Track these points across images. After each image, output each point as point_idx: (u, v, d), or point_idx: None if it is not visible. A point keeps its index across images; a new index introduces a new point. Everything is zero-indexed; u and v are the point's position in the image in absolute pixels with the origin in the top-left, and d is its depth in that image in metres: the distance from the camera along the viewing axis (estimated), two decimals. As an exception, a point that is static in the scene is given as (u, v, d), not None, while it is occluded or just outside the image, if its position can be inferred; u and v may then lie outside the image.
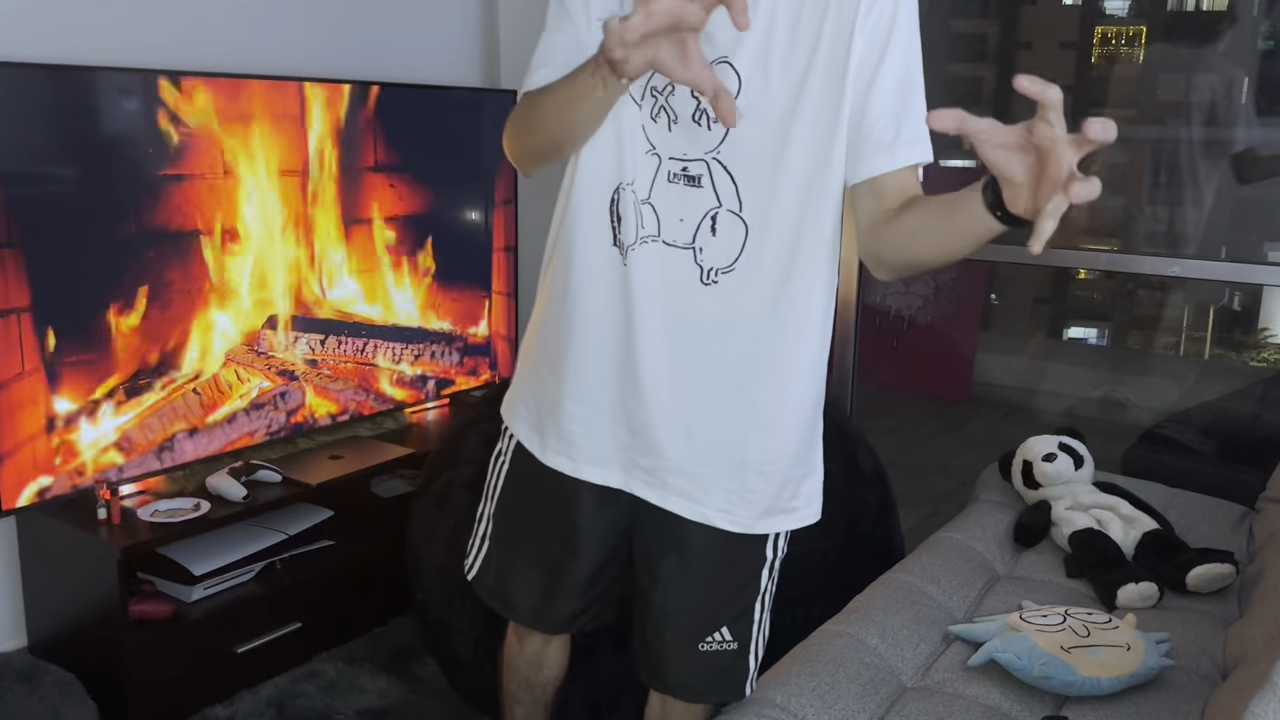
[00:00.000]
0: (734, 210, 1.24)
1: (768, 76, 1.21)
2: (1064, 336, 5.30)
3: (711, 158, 1.23)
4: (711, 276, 1.26)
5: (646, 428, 1.32)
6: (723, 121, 1.03)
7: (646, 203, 1.26)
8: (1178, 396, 4.29)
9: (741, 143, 1.22)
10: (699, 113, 1.22)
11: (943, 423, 4.48)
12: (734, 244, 1.25)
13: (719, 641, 1.42)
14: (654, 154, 1.25)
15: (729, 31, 1.17)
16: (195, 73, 2.28)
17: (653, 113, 1.23)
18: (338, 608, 2.47)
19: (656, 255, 1.26)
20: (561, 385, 1.35)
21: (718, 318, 1.28)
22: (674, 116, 1.23)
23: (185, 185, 2.29)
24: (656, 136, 1.24)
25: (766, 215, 1.25)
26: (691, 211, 1.25)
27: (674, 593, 1.40)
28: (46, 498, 2.14)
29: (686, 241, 1.25)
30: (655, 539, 1.40)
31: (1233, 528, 2.23)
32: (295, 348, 2.58)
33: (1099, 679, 1.59)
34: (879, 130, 1.22)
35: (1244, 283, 3.97)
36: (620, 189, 1.27)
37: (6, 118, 2.00)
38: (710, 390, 1.30)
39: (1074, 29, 5.26)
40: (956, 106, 1.00)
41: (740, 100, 1.20)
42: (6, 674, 2.15)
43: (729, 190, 1.24)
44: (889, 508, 2.39)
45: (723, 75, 1.18)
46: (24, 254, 2.05)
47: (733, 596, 1.42)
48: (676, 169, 1.24)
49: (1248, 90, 4.16)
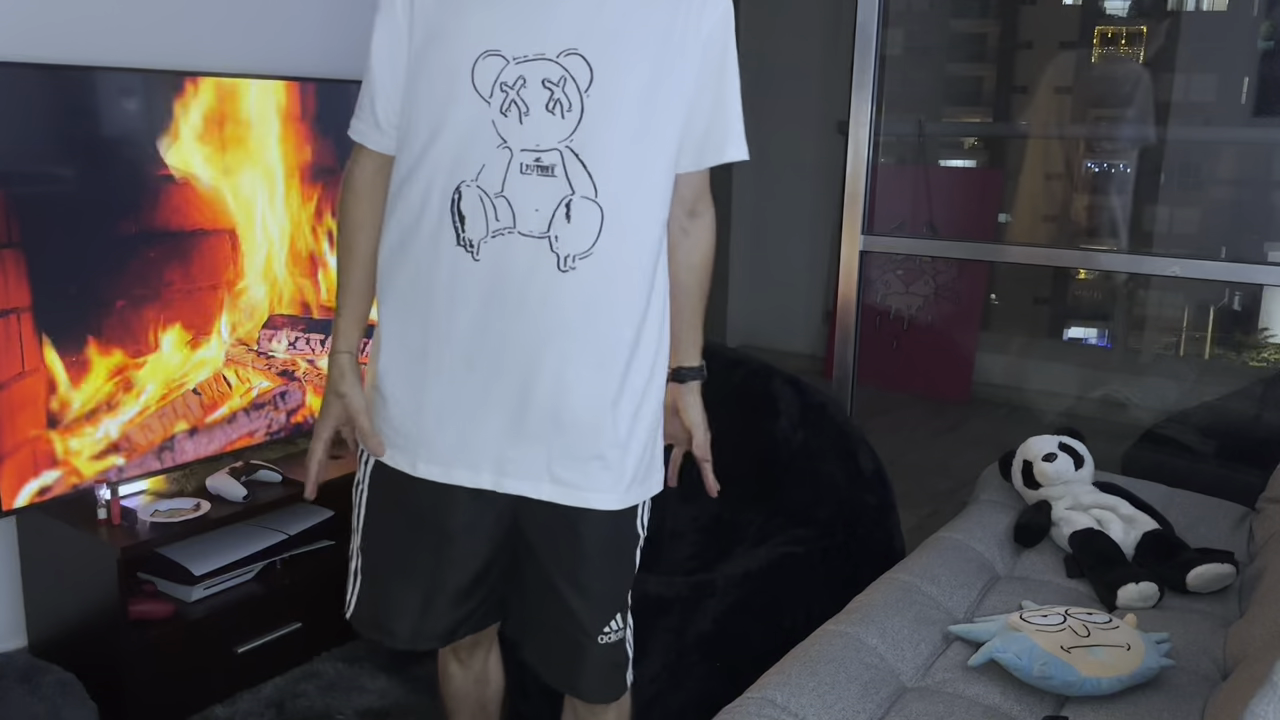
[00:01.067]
0: (588, 196, 1.27)
1: (617, 64, 1.26)
2: (1064, 336, 5.30)
3: (565, 146, 1.26)
4: (569, 263, 1.28)
5: (517, 422, 1.33)
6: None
7: (500, 196, 1.27)
8: (1178, 396, 4.29)
9: (594, 129, 1.26)
10: (552, 103, 1.25)
11: (943, 423, 4.48)
12: (590, 229, 1.28)
13: (614, 630, 1.45)
14: (505, 147, 1.26)
15: (578, 22, 1.24)
16: (195, 73, 2.28)
17: (503, 107, 1.25)
18: (338, 608, 2.47)
19: (511, 246, 1.28)
20: (423, 392, 1.35)
21: (579, 303, 1.30)
22: (525, 109, 1.25)
23: (185, 185, 2.29)
24: (507, 130, 1.26)
25: (621, 199, 1.29)
26: (546, 201, 1.27)
27: (576, 585, 1.40)
28: (46, 498, 2.14)
29: (542, 231, 1.27)
30: (544, 535, 1.40)
31: (1233, 528, 2.23)
32: (295, 348, 2.58)
33: (1099, 679, 1.59)
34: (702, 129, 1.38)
35: (1244, 283, 3.97)
36: (461, 188, 1.28)
37: (6, 118, 2.00)
38: (578, 375, 1.32)
39: (1074, 29, 5.26)
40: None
41: (594, 88, 1.25)
42: (6, 674, 2.15)
43: (582, 177, 1.27)
44: (889, 508, 2.39)
45: (574, 66, 1.24)
46: (24, 254, 2.05)
47: (621, 579, 1.45)
48: (529, 160, 1.26)
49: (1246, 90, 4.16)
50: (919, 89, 5.32)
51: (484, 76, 1.25)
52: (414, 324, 1.34)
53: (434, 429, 1.36)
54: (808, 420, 2.46)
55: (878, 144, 2.87)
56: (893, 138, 4.86)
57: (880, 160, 2.95)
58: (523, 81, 1.25)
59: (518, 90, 1.25)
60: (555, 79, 1.24)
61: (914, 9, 5.28)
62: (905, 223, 4.66)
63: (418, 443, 1.37)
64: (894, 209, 4.64)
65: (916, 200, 4.74)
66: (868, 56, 2.77)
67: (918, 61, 5.31)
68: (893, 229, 4.11)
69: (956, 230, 4.77)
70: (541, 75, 1.24)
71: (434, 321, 1.32)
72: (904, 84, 5.17)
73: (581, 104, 1.25)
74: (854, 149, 2.84)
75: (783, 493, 2.44)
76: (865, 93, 2.79)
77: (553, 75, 1.24)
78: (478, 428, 1.34)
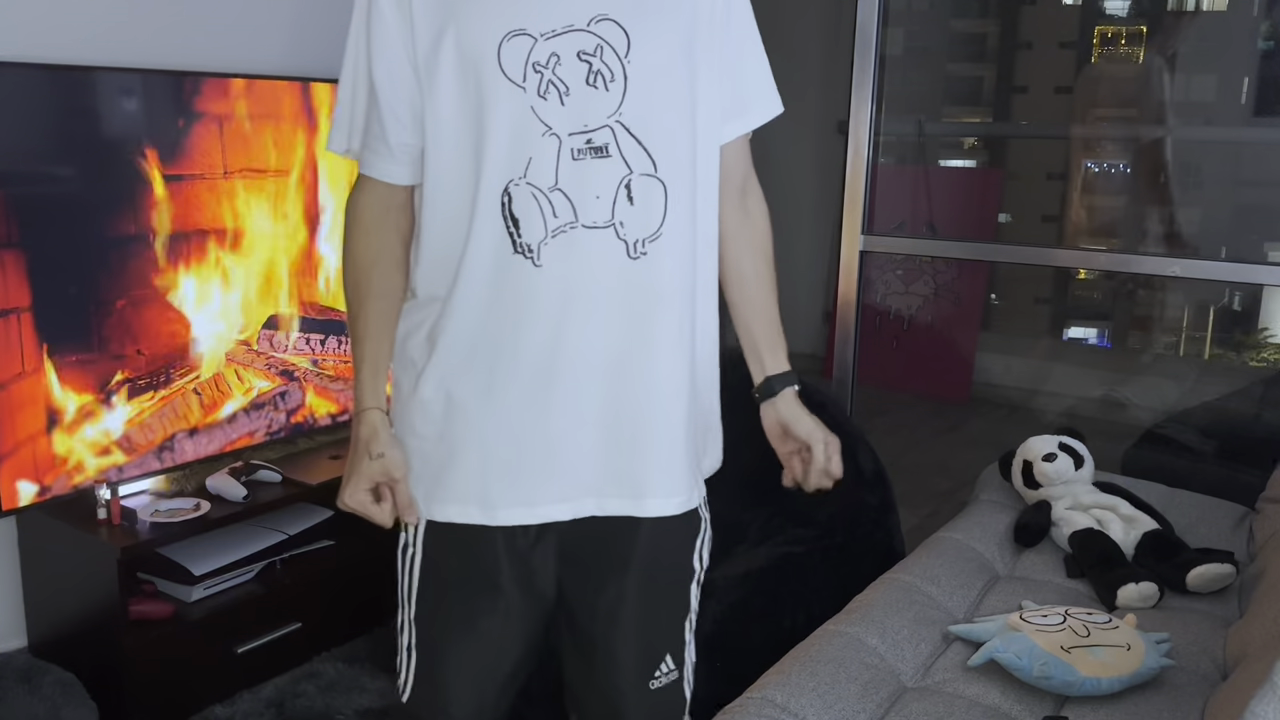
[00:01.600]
0: (648, 173, 1.18)
1: (653, 25, 1.18)
2: (1064, 336, 5.31)
3: (615, 121, 1.16)
4: (639, 249, 1.18)
5: (612, 434, 1.22)
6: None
7: (555, 189, 1.15)
8: (1178, 396, 4.29)
9: (642, 99, 1.17)
10: (592, 75, 1.15)
11: (943, 423, 4.48)
12: (656, 209, 1.19)
13: (665, 673, 1.34)
14: (551, 134, 1.15)
15: None
16: (195, 73, 2.28)
17: (540, 90, 1.14)
18: (338, 608, 2.47)
19: (576, 243, 1.16)
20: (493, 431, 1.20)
21: (651, 290, 1.20)
22: (565, 88, 1.15)
23: (185, 185, 2.29)
24: (549, 114, 1.15)
25: (681, 172, 1.21)
26: (606, 185, 1.16)
27: (619, 625, 1.29)
28: (46, 498, 2.14)
29: (606, 219, 1.17)
30: (590, 570, 1.29)
31: (1233, 528, 2.23)
32: (295, 348, 2.58)
33: (1099, 679, 1.59)
34: (739, 89, 1.31)
35: (1244, 283, 3.97)
36: (510, 188, 1.16)
37: (7, 118, 2.00)
38: (667, 371, 1.22)
39: (1074, 29, 5.26)
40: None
41: (634, 53, 1.16)
42: (6, 674, 2.15)
43: (638, 153, 1.17)
44: (889, 508, 2.39)
45: (608, 32, 1.15)
46: (24, 254, 2.05)
47: (671, 618, 1.34)
48: (580, 143, 1.15)
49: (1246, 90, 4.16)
50: (919, 89, 5.32)
51: (513, 60, 1.13)
52: (471, 356, 1.20)
53: (512, 467, 1.21)
54: (808, 420, 2.46)
55: (878, 144, 2.87)
56: (893, 138, 4.86)
57: (880, 160, 2.95)
58: (556, 58, 1.14)
59: (552, 69, 1.14)
60: (591, 49, 1.15)
61: (914, 9, 5.28)
62: (905, 223, 4.66)
63: (496, 490, 1.22)
64: (894, 209, 4.64)
65: (916, 200, 4.74)
66: (868, 56, 2.77)
67: (918, 61, 5.31)
68: (893, 229, 4.11)
69: (956, 230, 4.77)
70: (576, 48, 1.14)
71: (499, 346, 1.19)
72: (904, 84, 5.18)
73: (625, 72, 1.15)
74: (854, 149, 2.84)
75: (783, 493, 2.44)
76: (865, 93, 2.79)
77: (588, 46, 1.14)
78: (570, 451, 1.21)
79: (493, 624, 1.27)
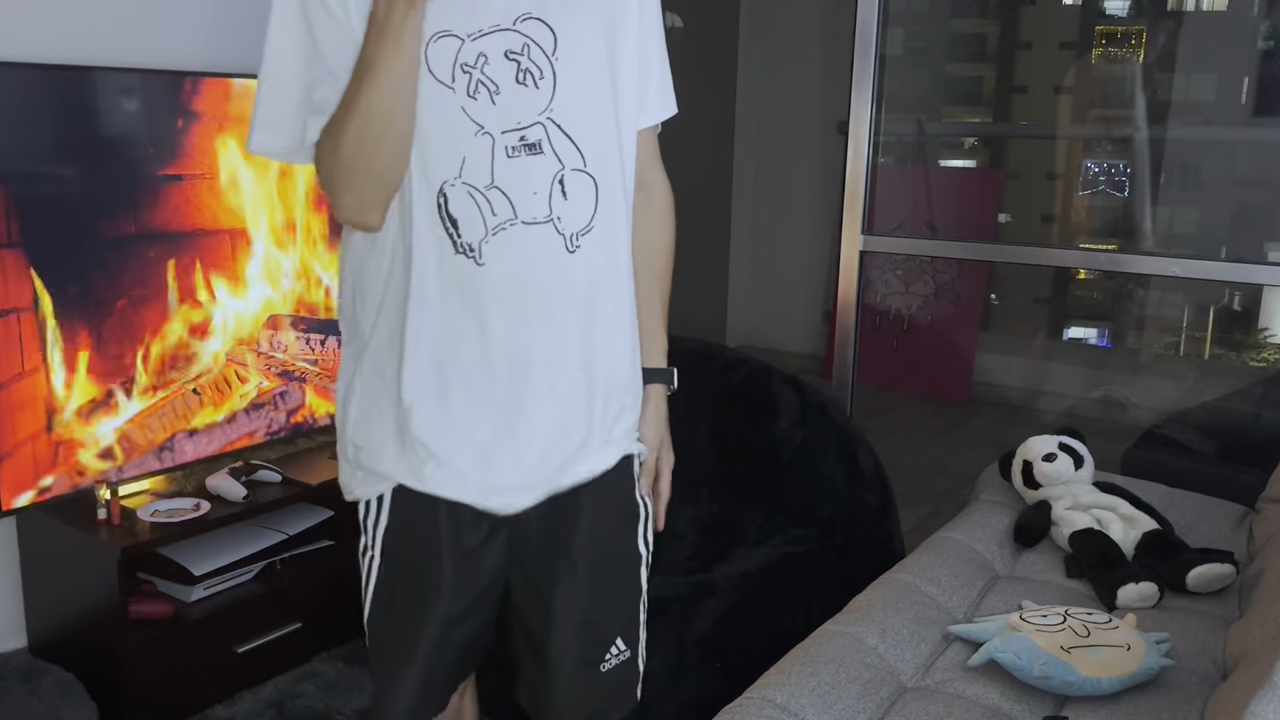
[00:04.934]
0: (579, 168, 1.20)
1: (577, 22, 1.19)
2: (1064, 336, 5.31)
3: (546, 118, 1.17)
4: (575, 242, 1.21)
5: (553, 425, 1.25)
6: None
7: (492, 187, 1.16)
8: (1178, 396, 4.29)
9: (570, 96, 1.19)
10: (521, 74, 1.16)
11: (943, 423, 4.48)
12: (587, 204, 1.21)
13: (616, 655, 1.37)
14: (484, 133, 1.16)
15: None
16: (195, 73, 2.28)
17: (470, 90, 1.15)
18: (338, 608, 2.47)
19: (516, 239, 1.18)
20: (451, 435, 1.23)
21: (586, 280, 1.23)
22: (495, 87, 1.15)
23: (185, 185, 2.29)
24: (481, 114, 1.15)
25: (607, 167, 1.23)
26: (541, 181, 1.18)
27: (565, 607, 1.32)
28: (46, 498, 2.14)
29: (545, 215, 1.19)
30: (536, 552, 1.31)
31: (1233, 528, 2.23)
32: (295, 348, 2.58)
33: (1099, 679, 1.59)
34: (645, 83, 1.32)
35: (1244, 283, 3.97)
36: (445, 189, 1.16)
37: (7, 118, 2.00)
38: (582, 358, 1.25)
39: (1074, 29, 5.26)
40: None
41: (560, 51, 1.18)
42: (6, 674, 2.15)
43: (569, 149, 1.19)
44: (889, 508, 2.39)
45: (534, 31, 1.17)
46: (25, 254, 2.05)
47: (620, 599, 1.38)
48: (514, 140, 1.16)
49: (1246, 90, 4.16)
50: (919, 89, 5.32)
51: (440, 61, 1.14)
52: (419, 358, 1.21)
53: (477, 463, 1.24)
54: (808, 420, 2.46)
55: (878, 144, 2.87)
56: (893, 138, 4.86)
57: (880, 160, 2.95)
58: (484, 58, 1.15)
59: (481, 68, 1.15)
60: (518, 48, 1.16)
61: (914, 9, 5.29)
62: (905, 223, 4.66)
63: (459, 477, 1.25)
64: (894, 209, 4.65)
65: (916, 200, 4.74)
66: (868, 56, 2.77)
67: (918, 61, 5.31)
68: (893, 229, 4.12)
69: (956, 230, 4.77)
70: (503, 47, 1.15)
71: (449, 348, 1.20)
72: (904, 84, 5.18)
73: (553, 70, 1.17)
74: (854, 149, 2.84)
75: (783, 493, 2.44)
76: (865, 93, 2.79)
77: (515, 45, 1.16)
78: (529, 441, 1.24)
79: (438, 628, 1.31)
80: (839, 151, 2.92)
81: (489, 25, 1.15)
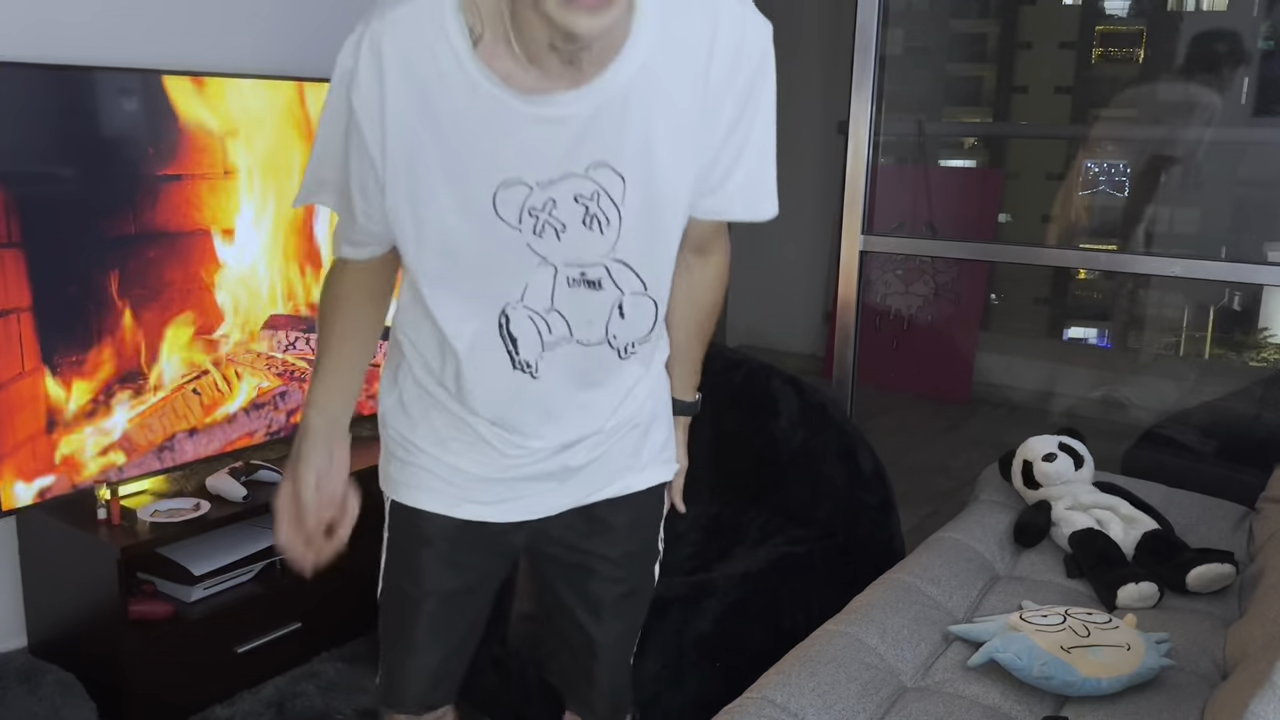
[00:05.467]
0: (638, 292, 1.21)
1: (652, 167, 1.13)
2: (1064, 336, 5.31)
3: (609, 259, 1.17)
4: (629, 350, 1.24)
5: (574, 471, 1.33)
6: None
7: (551, 310, 1.19)
8: (1178, 396, 4.29)
9: (637, 236, 1.16)
10: (588, 218, 1.14)
11: (943, 423, 4.48)
12: (646, 319, 1.23)
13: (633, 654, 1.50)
14: (547, 264, 1.16)
15: (602, 136, 1.10)
16: (195, 72, 2.28)
17: (536, 230, 1.14)
18: (338, 608, 2.47)
19: (571, 356, 1.22)
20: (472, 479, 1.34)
21: (635, 374, 1.29)
22: (561, 226, 1.14)
23: (185, 185, 2.29)
24: (546, 249, 1.15)
25: (667, 283, 1.23)
26: (598, 312, 1.20)
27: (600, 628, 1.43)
28: (46, 498, 2.14)
29: (600, 337, 1.21)
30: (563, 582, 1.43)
31: (1233, 528, 2.23)
32: (295, 348, 2.58)
33: (1099, 679, 1.59)
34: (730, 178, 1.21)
35: (1244, 283, 3.97)
36: (508, 310, 1.18)
37: (7, 118, 2.00)
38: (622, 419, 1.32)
39: (1074, 29, 5.27)
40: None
41: (629, 196, 1.13)
42: (6, 674, 2.15)
43: (630, 278, 1.19)
44: (889, 508, 2.39)
45: (605, 179, 1.12)
46: (24, 254, 2.05)
47: (640, 608, 1.48)
48: (575, 274, 1.17)
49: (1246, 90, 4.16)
50: (919, 89, 5.32)
51: (508, 207, 1.12)
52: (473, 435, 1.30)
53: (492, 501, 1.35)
54: (808, 420, 2.46)
55: (878, 144, 2.87)
56: (893, 138, 4.86)
57: (880, 160, 2.95)
58: (553, 203, 1.12)
59: (548, 212, 1.13)
60: (588, 194, 1.13)
61: (914, 9, 5.29)
62: (905, 223, 4.66)
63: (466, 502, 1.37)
64: (894, 209, 4.64)
65: (916, 200, 4.74)
66: (868, 56, 2.77)
67: (918, 61, 5.31)
68: (893, 229, 4.12)
69: (956, 230, 4.77)
70: (573, 192, 1.12)
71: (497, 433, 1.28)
72: (904, 84, 5.18)
73: (619, 215, 1.14)
74: (854, 149, 2.84)
75: (783, 493, 2.44)
76: (865, 93, 2.79)
77: (585, 190, 1.12)
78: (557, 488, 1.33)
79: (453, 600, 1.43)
80: (839, 152, 2.92)
81: (559, 173, 1.11)
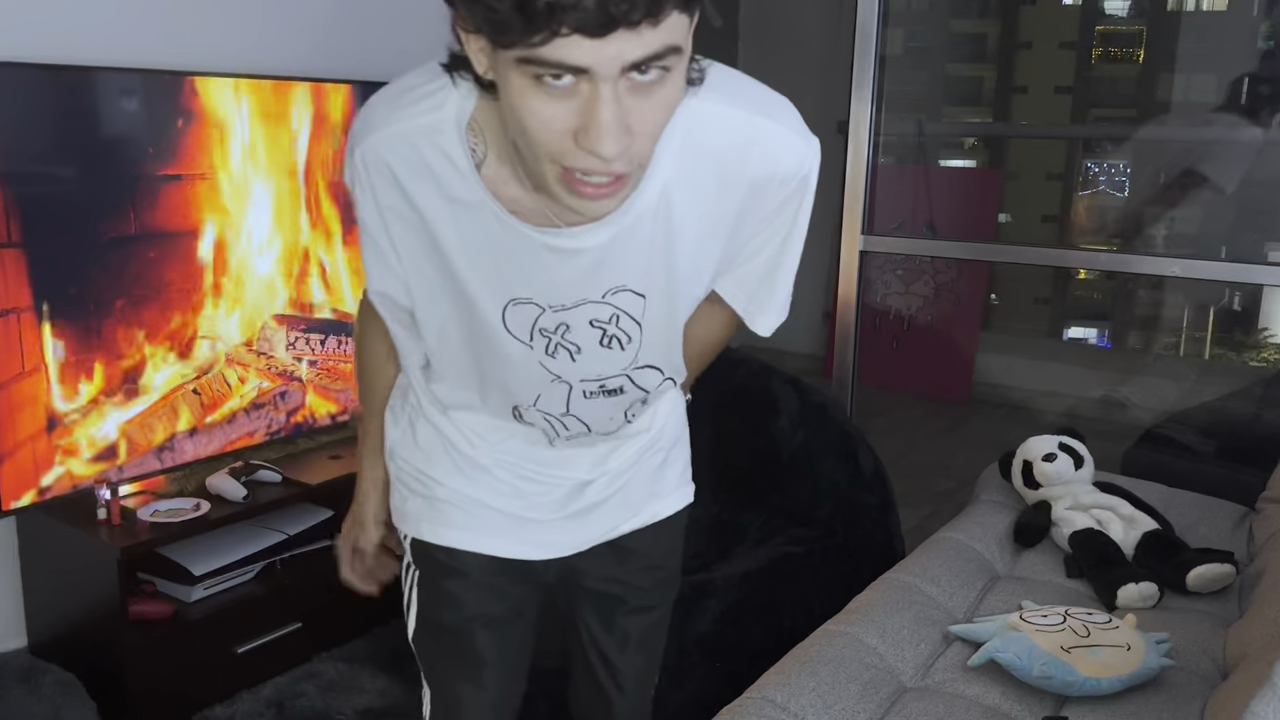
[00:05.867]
0: (659, 382, 1.19)
1: (674, 288, 1.09)
2: (1064, 336, 5.31)
3: (630, 369, 1.12)
4: (643, 405, 1.21)
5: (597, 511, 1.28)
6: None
7: (567, 415, 1.15)
8: (1178, 396, 4.29)
9: (657, 341, 1.12)
10: (606, 339, 1.08)
11: (943, 423, 4.48)
12: (657, 384, 1.19)
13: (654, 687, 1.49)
14: (561, 382, 1.12)
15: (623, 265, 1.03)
16: (195, 73, 2.28)
17: (549, 350, 1.09)
18: (338, 608, 2.47)
19: (590, 438, 1.20)
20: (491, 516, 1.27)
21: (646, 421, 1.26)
22: (576, 348, 1.09)
23: (185, 185, 2.29)
24: (560, 368, 1.11)
25: (680, 355, 1.18)
26: (618, 409, 1.17)
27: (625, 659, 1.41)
28: (46, 498, 2.14)
29: (620, 426, 1.19)
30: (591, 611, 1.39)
31: (1233, 528, 2.23)
32: (295, 348, 2.58)
33: (1099, 679, 1.59)
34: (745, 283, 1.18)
35: (1244, 283, 3.97)
36: (519, 410, 1.16)
37: (7, 118, 2.00)
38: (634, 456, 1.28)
39: (1074, 29, 5.27)
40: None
41: (649, 310, 1.08)
42: (6, 674, 2.15)
43: (652, 377, 1.16)
44: (889, 508, 2.39)
45: (624, 301, 1.06)
46: (24, 254, 2.05)
47: (661, 638, 1.47)
48: (592, 387, 1.12)
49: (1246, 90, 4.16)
50: (919, 89, 5.32)
51: (518, 323, 1.07)
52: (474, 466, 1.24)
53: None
54: (808, 420, 2.46)
55: (878, 144, 2.87)
56: (893, 138, 4.86)
57: (880, 160, 2.95)
58: (566, 326, 1.07)
59: (561, 334, 1.08)
60: (605, 318, 1.07)
61: (914, 9, 5.29)
62: (905, 223, 4.66)
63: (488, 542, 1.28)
64: (894, 209, 4.64)
65: (916, 200, 4.74)
66: (868, 56, 2.77)
67: (918, 61, 5.31)
68: (893, 229, 4.11)
69: (956, 230, 4.77)
70: (588, 317, 1.06)
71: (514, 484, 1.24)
72: (904, 84, 5.18)
73: (640, 329, 1.09)
74: (854, 149, 2.84)
75: (783, 493, 2.44)
76: (865, 93, 2.79)
77: (602, 315, 1.06)
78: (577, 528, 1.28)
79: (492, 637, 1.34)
80: (839, 152, 2.92)
81: (574, 300, 1.05)
